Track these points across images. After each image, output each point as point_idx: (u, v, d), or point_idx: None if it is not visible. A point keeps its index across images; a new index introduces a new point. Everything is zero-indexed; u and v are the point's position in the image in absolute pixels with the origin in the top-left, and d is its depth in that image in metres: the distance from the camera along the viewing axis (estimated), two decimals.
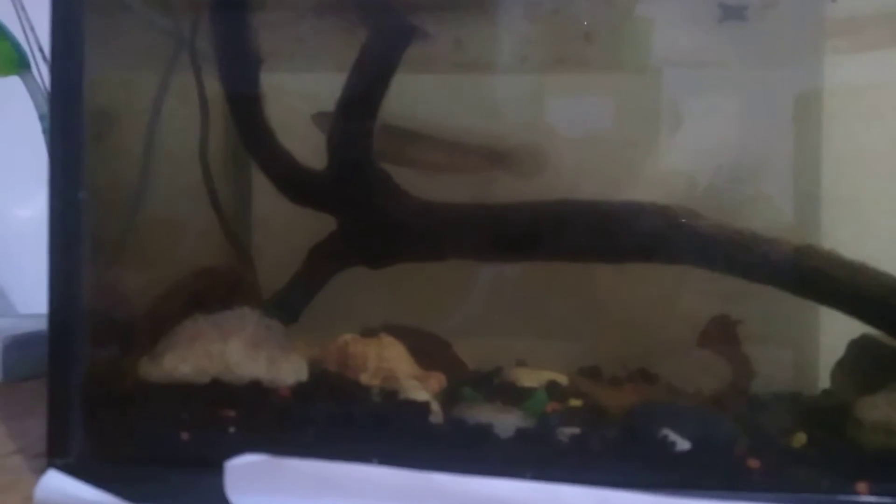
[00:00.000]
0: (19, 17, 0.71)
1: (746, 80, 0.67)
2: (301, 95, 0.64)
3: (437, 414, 0.48)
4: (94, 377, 0.47)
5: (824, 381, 0.59)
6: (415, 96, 0.63)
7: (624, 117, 0.68)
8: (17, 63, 0.71)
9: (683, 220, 0.56)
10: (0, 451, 0.53)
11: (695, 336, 0.61)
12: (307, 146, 0.61)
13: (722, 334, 0.59)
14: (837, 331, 0.57)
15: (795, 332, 0.66)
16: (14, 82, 0.73)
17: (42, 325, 0.46)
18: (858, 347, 0.56)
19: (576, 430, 0.47)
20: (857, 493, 0.42)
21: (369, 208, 0.61)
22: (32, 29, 0.71)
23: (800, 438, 0.48)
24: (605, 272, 0.61)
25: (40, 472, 0.43)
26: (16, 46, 0.72)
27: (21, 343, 0.77)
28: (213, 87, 0.61)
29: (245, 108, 0.60)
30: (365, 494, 0.40)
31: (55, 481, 0.41)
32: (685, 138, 0.66)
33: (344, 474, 0.40)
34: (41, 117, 0.72)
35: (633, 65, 0.67)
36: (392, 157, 0.61)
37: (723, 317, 0.59)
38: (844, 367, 0.57)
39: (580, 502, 0.38)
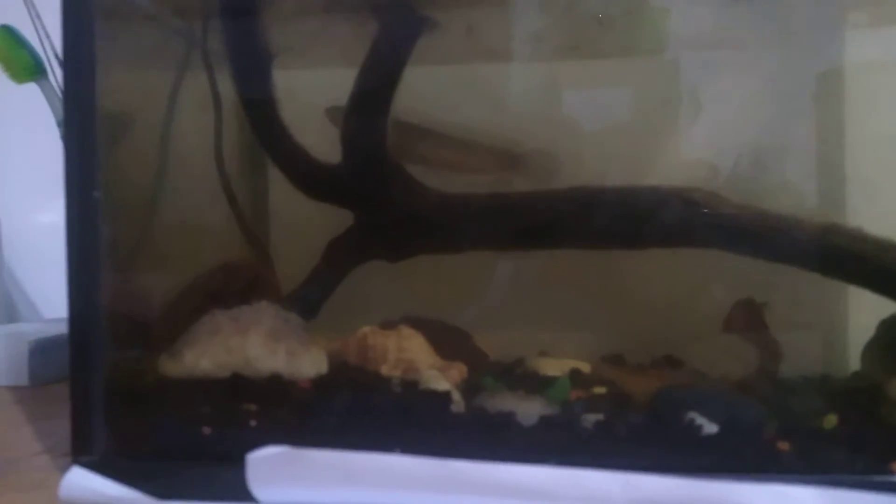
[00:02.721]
0: (35, 25, 0.72)
1: (765, 60, 0.66)
2: (314, 91, 0.64)
3: (458, 403, 0.48)
4: (115, 375, 0.47)
5: (855, 363, 0.57)
6: (427, 88, 0.63)
7: (638, 103, 0.67)
8: (34, 70, 0.72)
9: (706, 204, 0.55)
10: (28, 452, 0.53)
11: (720, 321, 0.60)
12: (322, 141, 0.61)
13: (748, 318, 0.58)
14: (867, 311, 0.55)
15: (824, 314, 0.65)
16: (32, 89, 0.74)
17: (66, 329, 0.47)
18: (889, 327, 0.55)
19: (600, 417, 0.46)
20: (891, 473, 0.41)
21: (386, 201, 0.60)
22: (48, 36, 0.72)
23: (831, 420, 0.46)
24: (628, 260, 0.61)
25: (66, 470, 0.44)
26: (32, 54, 0.72)
27: (46, 347, 0.78)
28: (227, 85, 0.61)
29: (258, 105, 0.60)
30: (387, 483, 0.39)
31: (79, 478, 0.42)
32: (704, 122, 0.65)
33: (365, 464, 0.40)
34: (59, 123, 0.72)
35: (648, 48, 0.66)
36: (404, 154, 0.61)
37: (748, 300, 0.58)
38: (875, 347, 0.55)
39: (605, 487, 0.37)
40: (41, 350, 0.77)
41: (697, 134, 0.65)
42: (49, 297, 0.96)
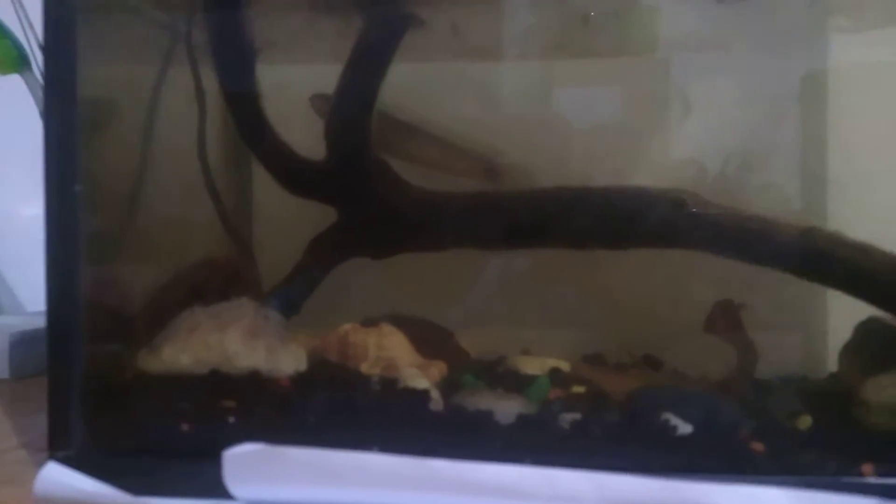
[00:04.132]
0: (18, 16, 0.71)
1: (750, 62, 0.66)
2: (298, 87, 0.64)
3: (437, 401, 0.48)
4: (93, 370, 0.47)
5: (833, 365, 0.58)
6: (411, 85, 0.63)
7: (623, 103, 0.67)
8: (18, 61, 0.71)
9: (688, 205, 0.55)
10: (5, 446, 0.53)
11: (699, 322, 0.60)
12: (305, 137, 0.60)
13: (726, 319, 0.58)
14: (846, 314, 0.56)
15: (803, 316, 0.65)
16: (15, 81, 0.73)
17: None
18: (865, 330, 0.55)
19: (577, 416, 0.46)
20: (862, 474, 0.42)
21: (369, 198, 0.60)
22: (32, 27, 0.71)
23: (805, 421, 0.47)
24: (611, 260, 0.61)
25: (43, 465, 0.44)
26: (16, 44, 0.72)
27: (28, 340, 0.77)
28: (211, 79, 0.61)
29: (242, 100, 0.60)
30: (364, 482, 0.40)
31: (55, 473, 0.41)
32: (690, 124, 0.65)
33: (342, 462, 0.40)
34: (42, 115, 0.72)
35: (634, 49, 0.66)
36: (386, 149, 0.61)
37: (726, 301, 0.59)
38: (851, 349, 0.56)
39: (578, 487, 0.37)
40: (23, 343, 0.77)
41: (682, 135, 0.66)
42: (31, 290, 0.96)
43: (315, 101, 0.61)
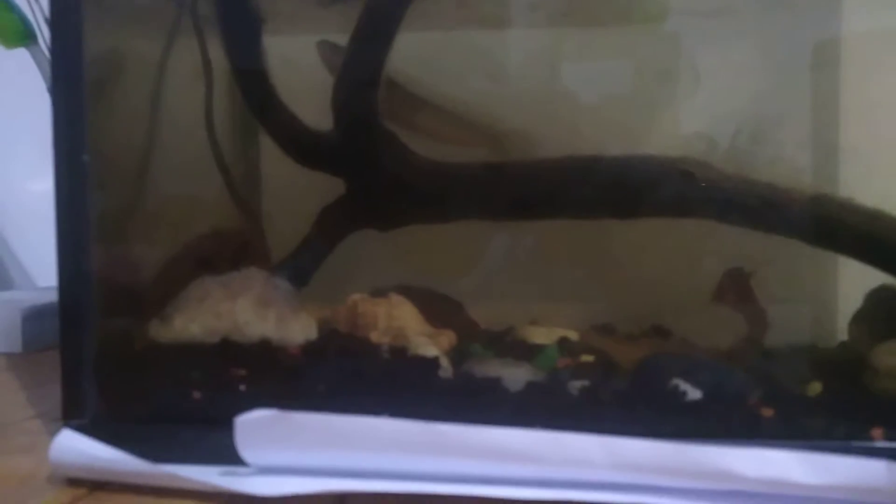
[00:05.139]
0: None
1: (762, 27, 0.65)
2: (305, 57, 0.63)
3: (446, 369, 0.48)
4: (105, 339, 0.47)
5: (843, 334, 0.58)
6: (418, 54, 0.62)
7: (630, 72, 0.66)
8: (24, 35, 0.71)
9: (698, 174, 0.55)
10: (20, 416, 0.54)
11: (710, 290, 0.60)
12: (313, 107, 0.60)
13: (736, 287, 0.58)
14: (856, 282, 0.56)
15: (813, 284, 0.65)
16: (22, 55, 0.73)
17: None
18: (876, 298, 0.55)
19: (586, 383, 0.46)
20: (871, 438, 0.42)
21: (377, 169, 0.60)
22: (38, 0, 0.71)
23: (815, 387, 0.47)
24: (620, 230, 0.61)
25: (57, 434, 0.44)
26: (22, 19, 0.72)
27: (39, 314, 0.78)
28: (218, 50, 0.61)
29: (249, 71, 0.59)
30: (374, 446, 0.40)
31: (69, 440, 0.42)
32: (699, 93, 0.65)
33: (353, 426, 0.40)
34: (49, 89, 0.72)
35: (642, 16, 0.65)
36: (393, 120, 0.60)
37: (736, 269, 0.59)
38: (862, 317, 0.56)
39: (588, 450, 0.37)
40: (34, 317, 0.78)
41: (692, 104, 0.65)
42: (42, 265, 0.96)
43: (322, 47, 0.60)
